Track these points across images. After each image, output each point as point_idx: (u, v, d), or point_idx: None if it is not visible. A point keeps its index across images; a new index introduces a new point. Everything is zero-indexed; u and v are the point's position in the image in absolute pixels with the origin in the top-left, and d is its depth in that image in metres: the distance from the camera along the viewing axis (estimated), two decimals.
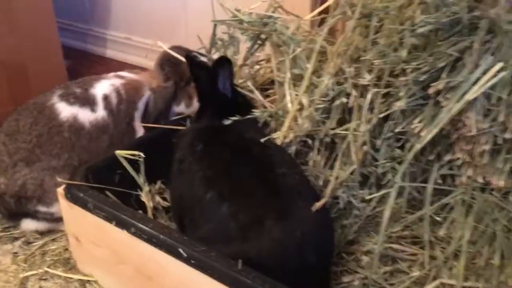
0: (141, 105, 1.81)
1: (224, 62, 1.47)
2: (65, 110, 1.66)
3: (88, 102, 1.70)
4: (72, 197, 1.39)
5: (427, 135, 1.29)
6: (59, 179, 1.41)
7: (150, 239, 1.23)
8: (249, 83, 1.71)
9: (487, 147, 1.28)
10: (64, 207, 1.45)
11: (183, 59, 1.77)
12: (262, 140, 1.35)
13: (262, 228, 1.16)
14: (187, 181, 1.30)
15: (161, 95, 1.82)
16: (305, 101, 1.41)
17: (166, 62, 1.85)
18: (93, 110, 1.70)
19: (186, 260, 1.17)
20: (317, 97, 1.43)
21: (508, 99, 1.23)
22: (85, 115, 1.68)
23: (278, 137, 1.38)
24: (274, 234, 1.15)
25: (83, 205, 1.36)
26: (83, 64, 3.16)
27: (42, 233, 1.71)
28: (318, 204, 1.22)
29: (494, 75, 1.21)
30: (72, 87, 1.74)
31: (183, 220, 1.32)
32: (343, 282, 1.36)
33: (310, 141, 1.46)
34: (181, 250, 1.17)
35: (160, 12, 2.91)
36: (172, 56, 1.85)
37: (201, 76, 1.51)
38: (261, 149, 1.31)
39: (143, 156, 1.52)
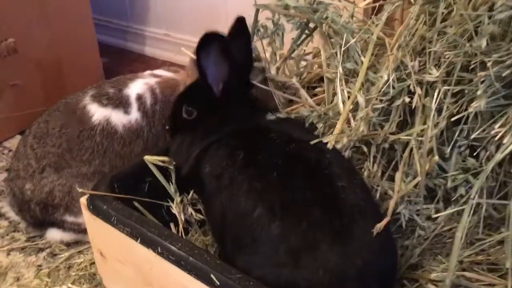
0: None
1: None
2: (98, 112, 1.54)
3: (121, 103, 1.57)
4: (94, 208, 1.24)
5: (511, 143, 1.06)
6: (79, 189, 1.27)
7: (178, 261, 1.06)
8: (295, 80, 1.51)
9: None
10: (88, 219, 1.30)
11: None
12: (312, 142, 1.14)
13: (317, 254, 0.97)
14: (230, 196, 1.11)
15: None
16: (360, 99, 1.20)
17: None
18: (126, 112, 1.56)
19: None
20: (374, 96, 1.22)
21: None
22: (118, 118, 1.55)
23: (329, 141, 1.17)
24: (331, 262, 0.97)
25: (106, 218, 1.21)
26: (121, 62, 3.07)
27: (68, 244, 1.59)
28: (380, 225, 1.01)
29: None
30: (105, 87, 1.61)
31: (225, 238, 1.14)
32: None
33: (365, 148, 1.25)
34: (213, 277, 1.00)
35: (201, 7, 2.77)
36: None
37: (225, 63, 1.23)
38: (317, 154, 1.10)
39: (174, 162, 1.36)
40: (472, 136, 1.15)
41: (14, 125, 2.26)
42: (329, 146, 1.16)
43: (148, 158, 1.37)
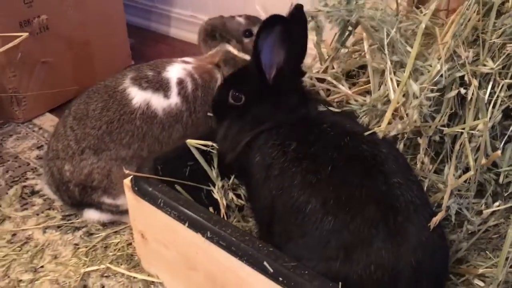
0: None
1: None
2: (138, 95, 1.51)
3: (161, 87, 1.54)
4: (140, 190, 1.23)
5: None
6: (126, 171, 1.26)
7: (229, 247, 1.06)
8: (335, 70, 1.49)
9: None
10: (131, 201, 1.30)
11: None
12: (366, 134, 1.12)
13: (370, 250, 0.96)
14: (281, 187, 1.09)
15: (232, 63, 1.62)
16: (415, 87, 1.17)
17: (212, 29, 1.68)
18: (166, 96, 1.53)
19: (272, 277, 0.98)
20: (427, 85, 1.19)
21: None
22: (158, 101, 1.52)
23: (381, 130, 1.15)
24: (384, 259, 0.96)
25: (153, 200, 1.20)
26: (146, 42, 3.04)
27: (104, 224, 1.59)
28: (436, 219, 1.00)
29: None
30: (144, 70, 1.58)
31: (273, 228, 1.13)
32: None
33: (419, 139, 1.23)
34: (266, 264, 0.99)
35: None
36: (214, 23, 1.69)
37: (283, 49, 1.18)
38: (372, 148, 1.08)
39: (217, 147, 1.35)
40: None
41: (43, 103, 2.25)
42: (380, 135, 1.14)
43: (190, 141, 1.36)
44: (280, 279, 0.97)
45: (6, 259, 1.47)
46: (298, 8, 1.18)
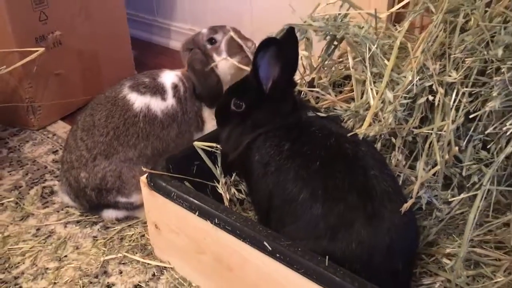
0: None
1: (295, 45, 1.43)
2: (138, 100, 1.70)
3: (158, 91, 1.74)
4: (155, 186, 1.43)
5: None
6: (144, 169, 1.45)
7: (234, 231, 1.25)
8: (331, 96, 1.69)
9: None
10: (146, 195, 1.49)
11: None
12: (349, 135, 1.33)
13: (351, 231, 1.16)
14: (277, 181, 1.29)
15: (194, 61, 1.81)
16: (389, 95, 1.38)
17: (186, 44, 1.88)
18: (163, 98, 1.74)
19: (271, 254, 1.18)
20: (400, 93, 1.40)
21: None
22: (157, 104, 1.72)
23: (361, 132, 1.35)
24: (363, 238, 1.16)
25: (167, 194, 1.39)
26: (148, 54, 3.24)
27: (118, 219, 1.77)
28: (406, 205, 1.20)
29: None
30: (140, 78, 1.78)
31: (269, 216, 1.32)
32: (423, 284, 1.35)
33: (394, 139, 1.43)
34: (266, 243, 1.18)
35: (226, 4, 2.93)
36: (187, 39, 1.90)
37: (277, 65, 1.37)
38: (353, 147, 1.29)
39: (221, 148, 1.54)
40: (487, 132, 1.33)
41: (56, 111, 2.44)
42: (360, 136, 1.35)
43: (197, 144, 1.56)
44: (277, 255, 1.16)
45: (33, 250, 1.64)
46: (290, 30, 1.39)
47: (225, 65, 1.83)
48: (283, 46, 1.34)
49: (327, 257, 1.12)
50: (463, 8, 1.47)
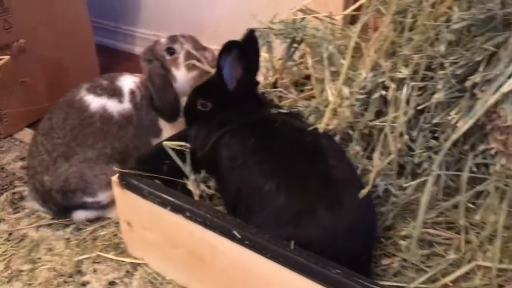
0: None
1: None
2: (94, 102, 1.74)
3: (115, 93, 1.78)
4: (127, 184, 1.48)
5: (464, 126, 1.36)
6: (115, 168, 1.50)
7: (204, 222, 1.32)
8: (285, 81, 1.79)
9: None
10: (118, 195, 1.54)
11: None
12: (310, 129, 1.42)
13: (314, 217, 1.25)
14: (243, 175, 1.37)
15: (154, 74, 1.84)
16: (346, 91, 1.49)
17: (145, 53, 1.91)
18: (120, 101, 1.78)
19: (240, 241, 1.26)
20: (356, 89, 1.50)
21: None
22: (113, 106, 1.76)
23: (322, 127, 1.45)
24: (325, 222, 1.25)
25: (138, 192, 1.45)
26: (113, 61, 3.26)
27: (90, 220, 1.81)
28: (363, 192, 1.30)
29: None
30: (98, 80, 1.83)
31: (237, 208, 1.40)
32: (382, 264, 1.45)
33: (351, 132, 1.53)
34: (235, 232, 1.26)
35: (189, 10, 3.00)
36: (146, 47, 1.93)
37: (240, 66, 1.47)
38: (314, 139, 1.38)
39: (189, 146, 1.61)
40: (434, 121, 1.45)
41: (23, 119, 2.45)
42: (320, 130, 1.45)
43: (166, 143, 1.62)
44: (246, 242, 1.24)
45: (6, 254, 1.67)
46: (251, 32, 1.48)
47: (183, 79, 1.88)
48: (245, 48, 1.43)
49: (292, 241, 1.21)
50: (411, 9, 1.59)
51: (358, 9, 1.91)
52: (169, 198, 1.39)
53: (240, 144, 1.41)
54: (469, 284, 1.36)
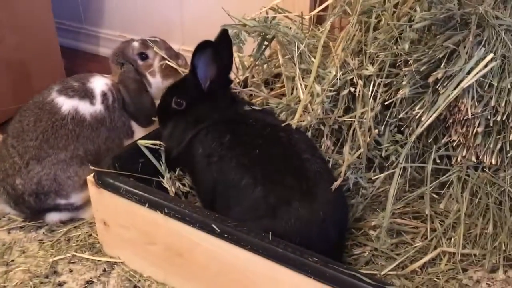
0: None
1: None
2: (66, 103, 1.72)
3: (87, 95, 1.77)
4: (103, 183, 1.49)
5: (428, 120, 1.44)
6: (91, 167, 1.51)
7: (183, 218, 1.35)
8: (256, 79, 1.84)
9: (480, 129, 1.44)
10: (94, 194, 1.55)
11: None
12: (283, 125, 1.47)
13: (290, 208, 1.30)
14: (221, 170, 1.41)
15: (128, 79, 1.85)
16: (317, 88, 1.55)
17: (115, 55, 1.90)
18: (92, 103, 1.77)
19: (219, 235, 1.29)
20: (327, 86, 1.57)
21: (499, 86, 1.39)
22: (85, 107, 1.75)
23: (294, 123, 1.51)
24: (300, 213, 1.30)
25: (115, 190, 1.46)
26: (77, 62, 3.23)
27: (63, 222, 1.79)
28: (335, 184, 1.36)
29: (486, 65, 1.37)
30: (69, 82, 1.81)
31: (214, 203, 1.44)
32: (354, 254, 1.51)
33: (323, 128, 1.59)
34: (214, 226, 1.29)
35: (156, 11, 3.00)
36: (117, 48, 1.94)
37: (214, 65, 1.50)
38: (287, 135, 1.43)
39: (164, 145, 1.63)
40: (399, 116, 1.53)
41: None
42: (293, 126, 1.50)
43: (141, 142, 1.64)
44: (226, 235, 1.28)
45: None
46: (224, 32, 1.52)
47: (159, 85, 1.89)
48: (218, 48, 1.47)
49: (270, 233, 1.25)
50: (375, 9, 1.66)
51: (323, 9, 1.97)
52: (146, 195, 1.41)
53: (216, 141, 1.44)
54: (435, 269, 1.45)
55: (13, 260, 1.63)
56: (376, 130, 1.47)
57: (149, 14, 3.04)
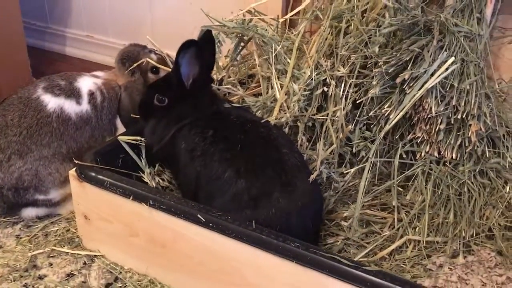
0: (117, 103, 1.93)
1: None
2: (52, 101, 1.75)
3: (73, 94, 1.80)
4: (86, 177, 1.52)
5: (395, 117, 1.56)
6: (76, 161, 1.54)
7: (169, 209, 1.40)
8: (232, 78, 1.91)
9: (442, 126, 1.57)
10: (75, 188, 1.57)
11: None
12: (262, 121, 1.56)
13: (271, 199, 1.38)
14: (204, 164, 1.47)
15: (135, 90, 1.93)
16: (295, 87, 1.64)
17: (126, 58, 1.94)
18: (78, 102, 1.80)
19: (205, 224, 1.35)
20: (302, 86, 1.66)
21: (459, 87, 1.53)
22: (71, 106, 1.78)
23: (273, 120, 1.59)
24: (280, 204, 1.38)
25: (99, 183, 1.50)
26: (44, 62, 3.19)
27: (39, 217, 1.80)
28: (312, 177, 1.45)
29: (448, 68, 1.51)
30: (56, 80, 1.83)
31: (196, 196, 1.49)
32: (328, 243, 1.61)
33: (298, 125, 1.68)
34: (200, 216, 1.35)
35: (125, 11, 3.01)
36: (130, 51, 1.97)
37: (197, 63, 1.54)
38: (267, 131, 1.51)
39: (144, 141, 1.68)
40: (370, 114, 1.64)
41: None
42: (272, 122, 1.59)
43: (122, 138, 1.67)
44: (211, 225, 1.34)
45: None
46: (208, 32, 1.58)
47: None
48: (201, 47, 1.53)
49: (253, 221, 1.32)
50: (345, 15, 1.78)
51: (295, 14, 2.07)
52: (131, 188, 1.46)
53: (199, 136, 1.51)
54: (402, 255, 1.56)
55: None
56: (350, 127, 1.57)
57: (118, 13, 3.05)
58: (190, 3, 2.66)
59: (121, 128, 1.93)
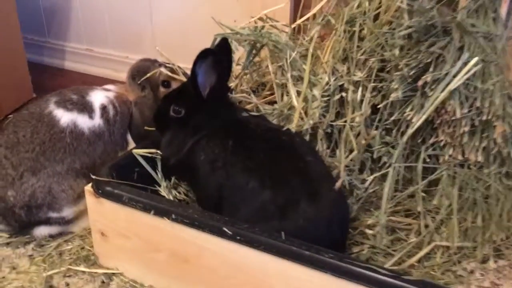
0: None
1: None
2: (65, 116, 1.71)
3: (86, 108, 1.76)
4: (103, 192, 1.47)
5: (418, 121, 1.53)
6: (92, 176, 1.48)
7: (192, 223, 1.35)
8: (254, 100, 1.87)
9: (466, 129, 1.54)
10: (92, 204, 1.52)
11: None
12: (284, 129, 1.52)
13: (298, 209, 1.33)
14: (226, 175, 1.42)
15: (146, 105, 1.90)
16: (316, 93, 1.60)
17: (137, 73, 1.91)
18: (91, 117, 1.76)
19: (231, 238, 1.30)
20: (320, 92, 1.63)
21: (482, 88, 1.50)
22: (84, 121, 1.74)
23: (293, 127, 1.56)
24: (308, 213, 1.34)
25: (118, 199, 1.45)
26: (44, 77, 3.14)
27: (52, 236, 1.74)
28: (337, 184, 1.41)
29: (471, 68, 1.48)
30: (68, 94, 1.79)
31: (218, 208, 1.44)
32: (353, 252, 1.56)
33: (321, 131, 1.64)
34: (226, 229, 1.31)
35: (125, 23, 2.97)
36: (140, 66, 1.93)
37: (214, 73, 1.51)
38: (289, 138, 1.48)
39: (160, 153, 1.63)
40: (392, 118, 1.60)
41: None
42: (293, 130, 1.55)
43: (136, 151, 1.63)
44: (238, 238, 1.29)
45: None
46: (224, 40, 1.55)
47: None
48: (218, 56, 1.49)
49: (282, 232, 1.28)
50: (357, 19, 1.75)
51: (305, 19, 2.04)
52: (151, 202, 1.41)
53: (219, 146, 1.46)
54: (431, 262, 1.52)
55: (3, 277, 1.57)
56: (375, 132, 1.53)
57: (118, 25, 3.01)
58: (191, 13, 2.63)
59: (132, 143, 1.88)
